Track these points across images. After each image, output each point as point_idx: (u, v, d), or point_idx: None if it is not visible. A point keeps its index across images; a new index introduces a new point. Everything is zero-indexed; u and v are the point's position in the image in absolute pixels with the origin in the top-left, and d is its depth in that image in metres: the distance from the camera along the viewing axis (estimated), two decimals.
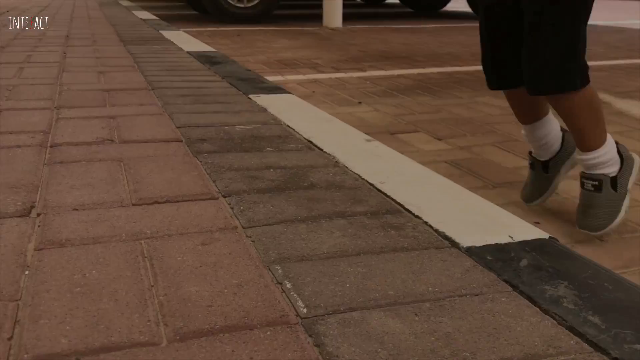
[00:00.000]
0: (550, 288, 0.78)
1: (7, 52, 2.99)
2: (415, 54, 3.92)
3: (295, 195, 1.10)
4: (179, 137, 1.49)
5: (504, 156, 1.77)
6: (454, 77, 3.07)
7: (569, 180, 1.53)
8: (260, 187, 1.14)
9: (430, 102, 2.46)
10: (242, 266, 0.81)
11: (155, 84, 2.18)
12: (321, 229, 0.94)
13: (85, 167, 1.23)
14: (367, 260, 0.84)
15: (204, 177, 1.18)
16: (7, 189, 1.10)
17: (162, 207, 1.02)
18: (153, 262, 0.83)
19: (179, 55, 2.99)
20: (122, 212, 1.00)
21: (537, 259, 0.86)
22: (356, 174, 1.23)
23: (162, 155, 1.33)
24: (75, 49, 3.16)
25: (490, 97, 2.57)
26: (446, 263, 0.84)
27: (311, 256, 0.85)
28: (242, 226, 0.95)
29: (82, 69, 2.51)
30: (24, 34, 3.84)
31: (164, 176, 1.18)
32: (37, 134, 1.48)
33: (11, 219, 0.97)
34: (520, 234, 0.94)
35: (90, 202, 1.04)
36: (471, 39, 4.94)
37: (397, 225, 0.96)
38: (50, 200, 1.05)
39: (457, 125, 2.11)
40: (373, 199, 1.09)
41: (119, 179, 1.16)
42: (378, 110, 2.32)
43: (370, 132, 1.96)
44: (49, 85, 2.12)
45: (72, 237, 0.90)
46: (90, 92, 2.01)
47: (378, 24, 6.26)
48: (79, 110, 1.74)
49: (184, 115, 1.70)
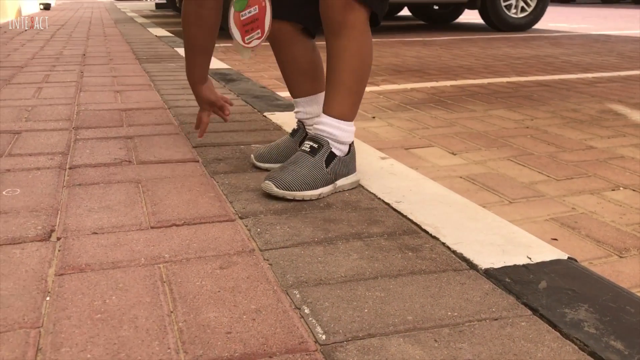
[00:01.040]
0: (570, 311, 0.77)
1: (26, 72, 3.04)
2: (427, 67, 3.92)
3: (311, 216, 1.10)
4: (195, 157, 1.50)
5: (520, 170, 1.76)
6: (467, 90, 3.07)
7: (586, 195, 1.52)
8: (277, 208, 1.14)
9: (444, 116, 2.46)
10: (260, 291, 0.82)
11: (171, 103, 2.21)
12: (338, 251, 0.95)
13: (104, 190, 1.24)
14: (385, 283, 0.84)
15: (221, 199, 1.19)
16: (27, 213, 1.11)
17: (180, 230, 1.03)
18: (172, 287, 0.83)
19: None
20: (141, 235, 1.01)
21: (556, 280, 0.85)
22: (372, 193, 1.24)
23: (179, 176, 1.34)
24: (92, 67, 3.21)
25: (504, 110, 2.56)
26: (465, 286, 0.83)
27: (328, 280, 0.85)
28: (260, 249, 0.96)
29: (99, 88, 2.55)
30: (41, 53, 3.91)
31: (181, 198, 1.19)
32: (56, 156, 1.50)
33: (32, 244, 0.98)
34: (538, 255, 0.94)
35: (109, 225, 1.05)
36: (484, 51, 4.93)
37: (414, 247, 0.96)
38: (70, 224, 1.06)
39: (471, 139, 2.11)
40: (389, 220, 1.09)
41: (137, 202, 1.17)
42: (392, 125, 2.33)
43: (385, 148, 1.96)
44: (67, 106, 2.15)
45: (91, 262, 0.91)
46: (107, 112, 2.04)
47: (390, 37, 6.28)
48: (96, 131, 1.77)
49: None
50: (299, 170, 1.18)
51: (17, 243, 0.98)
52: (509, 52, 4.85)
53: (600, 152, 1.92)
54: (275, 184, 1.16)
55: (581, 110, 2.55)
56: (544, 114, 2.47)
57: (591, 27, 7.79)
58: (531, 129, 2.23)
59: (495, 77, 3.51)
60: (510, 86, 3.18)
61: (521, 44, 5.46)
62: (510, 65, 4.02)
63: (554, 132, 2.17)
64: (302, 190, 1.17)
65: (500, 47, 5.20)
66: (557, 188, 1.59)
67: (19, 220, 1.08)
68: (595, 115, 2.44)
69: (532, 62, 4.21)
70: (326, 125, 1.22)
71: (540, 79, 3.44)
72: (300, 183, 1.17)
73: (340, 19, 1.17)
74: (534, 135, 2.14)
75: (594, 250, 1.24)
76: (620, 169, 1.74)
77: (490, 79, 3.44)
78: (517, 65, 4.02)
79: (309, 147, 1.21)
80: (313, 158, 1.20)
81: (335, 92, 1.21)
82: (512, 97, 2.85)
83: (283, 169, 1.19)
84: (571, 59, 4.36)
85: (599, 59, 4.36)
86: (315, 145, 1.21)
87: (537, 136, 2.12)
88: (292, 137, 1.41)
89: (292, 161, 1.20)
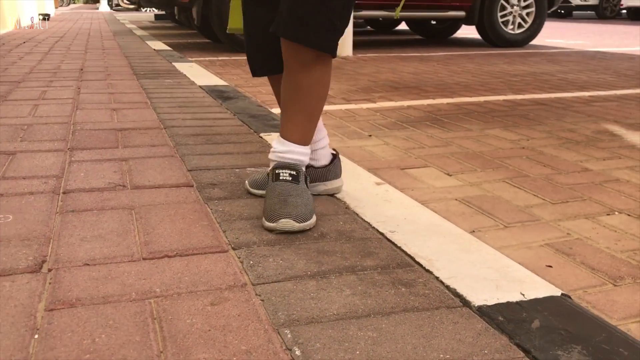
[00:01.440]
0: (563, 353, 0.77)
1: (23, 87, 3.04)
2: (424, 84, 3.94)
3: (305, 247, 1.09)
4: (190, 181, 1.50)
5: (515, 193, 1.76)
6: (463, 108, 3.07)
7: (581, 220, 1.52)
8: (270, 238, 1.14)
9: (440, 135, 2.46)
10: (251, 330, 0.81)
11: (167, 123, 2.21)
12: (331, 286, 0.94)
13: (97, 217, 1.24)
14: (377, 322, 0.83)
15: (214, 227, 1.19)
16: (19, 242, 1.11)
17: (172, 262, 1.03)
18: (162, 325, 0.82)
19: (191, 90, 3.03)
20: (133, 267, 1.00)
21: (550, 319, 0.85)
22: (366, 221, 1.23)
23: (172, 202, 1.33)
24: (89, 83, 3.21)
25: (500, 129, 2.57)
26: (457, 325, 0.83)
27: (321, 318, 0.84)
28: (252, 283, 0.95)
29: (96, 105, 2.55)
30: (39, 68, 3.91)
31: (174, 226, 1.19)
32: (50, 179, 1.50)
33: (22, 275, 0.97)
34: (532, 291, 0.93)
35: (101, 256, 1.05)
36: (480, 67, 4.95)
37: (407, 282, 0.96)
38: (62, 254, 1.05)
39: (467, 159, 2.11)
40: (383, 251, 1.08)
41: (129, 230, 1.16)
42: (388, 143, 2.33)
43: (381, 167, 1.96)
44: (63, 125, 2.15)
45: (82, 297, 0.90)
46: (103, 132, 2.04)
47: (387, 52, 6.30)
48: (91, 153, 1.76)
49: (195, 157, 1.72)
50: (300, 200, 1.20)
51: (8, 275, 0.97)
52: (506, 68, 4.87)
53: (595, 174, 1.92)
54: (295, 220, 1.16)
55: (577, 131, 2.55)
56: (540, 134, 2.48)
57: (587, 43, 7.83)
58: (527, 149, 2.23)
59: (491, 94, 3.53)
60: (507, 104, 3.19)
61: (518, 61, 5.49)
62: (507, 83, 4.03)
63: (550, 153, 2.17)
64: (312, 217, 1.20)
65: (497, 64, 5.22)
66: (552, 212, 1.59)
67: (10, 249, 1.07)
68: (591, 136, 2.45)
69: (529, 79, 4.23)
70: (294, 153, 1.28)
71: (536, 97, 3.45)
72: (310, 211, 1.19)
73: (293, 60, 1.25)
74: (530, 156, 2.14)
75: (588, 278, 1.24)
76: (615, 193, 1.74)
77: (487, 96, 3.45)
78: (513, 83, 4.03)
79: (288, 175, 1.25)
80: (299, 185, 1.24)
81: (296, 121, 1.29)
82: (508, 116, 2.86)
83: (289, 204, 1.18)
84: (567, 77, 4.38)
85: (595, 76, 4.38)
86: (294, 173, 1.25)
87: (533, 157, 2.12)
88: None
89: (287, 194, 1.20)
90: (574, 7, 15.81)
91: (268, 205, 1.20)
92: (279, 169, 1.25)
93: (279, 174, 1.25)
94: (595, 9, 15.52)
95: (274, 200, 1.20)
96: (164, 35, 8.32)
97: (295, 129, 1.28)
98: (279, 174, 1.24)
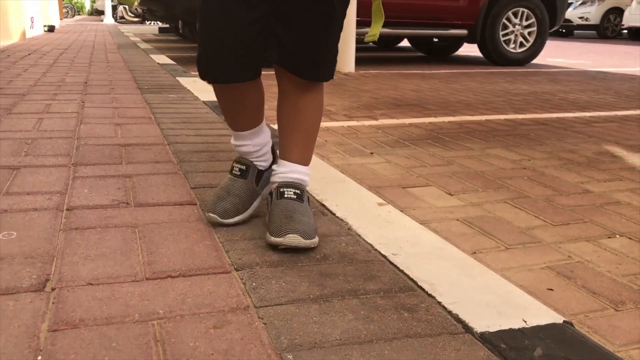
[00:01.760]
0: None
1: (27, 100, 3.06)
2: (426, 102, 3.96)
3: (307, 270, 1.10)
4: (193, 199, 1.50)
5: (516, 214, 1.77)
6: (465, 127, 3.09)
7: (582, 242, 1.52)
8: (273, 259, 1.14)
9: (442, 154, 2.47)
10: (254, 354, 0.81)
11: (171, 139, 2.22)
12: (333, 310, 0.94)
13: (100, 235, 1.24)
14: (380, 348, 0.83)
15: (217, 247, 1.19)
16: (23, 259, 1.11)
17: (175, 283, 1.03)
18: (165, 348, 0.83)
19: (194, 106, 3.04)
20: (136, 288, 1.00)
21: (552, 347, 0.85)
22: (369, 243, 1.24)
23: (176, 220, 1.34)
24: (94, 97, 3.23)
25: (501, 149, 2.58)
26: (460, 353, 0.83)
27: (323, 343, 0.84)
28: (255, 305, 0.96)
29: (100, 120, 2.56)
30: (43, 80, 3.94)
31: (178, 246, 1.19)
32: (54, 195, 1.50)
33: (26, 294, 0.98)
34: (534, 318, 0.93)
35: (104, 275, 1.05)
36: (482, 85, 4.98)
37: (410, 307, 0.96)
38: (65, 272, 1.06)
39: (468, 179, 2.11)
40: (386, 275, 1.08)
41: (133, 249, 1.17)
42: (390, 161, 2.34)
43: (383, 186, 1.97)
44: (67, 139, 2.16)
45: (85, 317, 0.90)
46: (107, 147, 2.05)
47: (389, 68, 6.34)
48: (95, 168, 1.77)
49: (198, 175, 1.73)
50: (306, 218, 1.21)
51: (12, 293, 0.98)
52: (507, 87, 4.90)
53: (596, 196, 1.92)
54: (302, 237, 1.16)
55: (578, 152, 2.56)
56: (541, 154, 2.49)
57: (588, 62, 7.88)
58: (528, 170, 2.24)
59: (493, 113, 3.54)
60: (508, 124, 3.20)
61: (519, 79, 5.52)
62: (508, 102, 4.06)
63: (551, 174, 2.18)
64: (316, 236, 1.21)
65: (498, 82, 5.25)
66: (553, 234, 1.59)
67: (14, 267, 1.08)
68: (592, 157, 2.46)
69: (530, 98, 4.25)
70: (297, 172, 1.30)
71: (537, 116, 3.47)
72: (314, 230, 1.20)
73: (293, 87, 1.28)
74: (531, 177, 2.15)
75: (589, 303, 1.24)
76: (616, 215, 1.74)
77: (488, 115, 3.47)
78: (515, 102, 4.06)
79: (293, 193, 1.26)
80: (303, 204, 1.25)
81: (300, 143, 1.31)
82: (510, 136, 2.87)
83: (296, 220, 1.18)
84: (568, 97, 4.40)
85: (596, 97, 4.41)
86: (298, 192, 1.27)
87: (534, 178, 2.13)
88: (244, 178, 1.35)
89: (292, 210, 1.21)
90: (575, 26, 15.92)
91: (274, 221, 1.20)
92: (283, 187, 1.27)
93: (283, 192, 1.25)
94: (596, 28, 15.63)
95: (279, 216, 1.20)
96: (168, 48, 8.38)
97: (296, 150, 1.30)
98: (284, 192, 1.25)
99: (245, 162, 1.37)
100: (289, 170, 1.29)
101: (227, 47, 1.21)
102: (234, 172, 1.37)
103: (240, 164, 1.37)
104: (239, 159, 1.39)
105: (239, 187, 1.34)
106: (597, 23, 15.51)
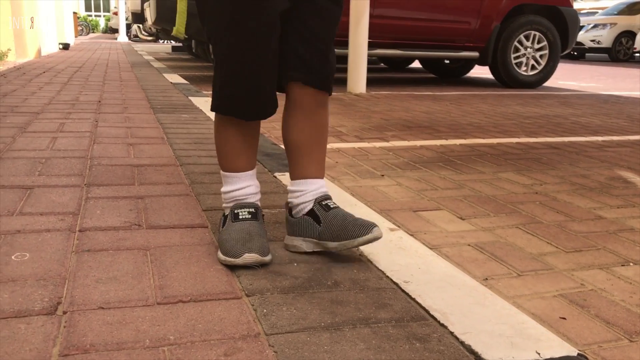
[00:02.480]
0: None
1: (41, 119, 3.10)
2: (437, 124, 3.96)
3: (318, 296, 1.09)
4: (204, 222, 1.51)
5: (528, 240, 1.75)
6: (476, 150, 3.08)
7: (595, 270, 1.50)
8: (284, 285, 1.14)
9: (453, 177, 2.47)
10: None
11: (183, 160, 2.23)
12: (345, 339, 0.94)
13: (112, 257, 1.25)
14: None
15: (228, 272, 1.19)
16: (34, 281, 1.12)
17: (186, 308, 1.03)
18: None
19: (207, 126, 3.07)
20: (147, 312, 1.00)
21: None
22: (380, 270, 1.23)
23: (187, 244, 1.34)
24: (107, 116, 3.26)
25: (513, 173, 2.57)
26: None
27: None
28: (265, 333, 0.95)
29: (113, 140, 2.58)
30: (58, 99, 3.99)
31: (189, 270, 1.19)
32: (67, 216, 1.51)
33: (37, 318, 0.98)
34: (547, 350, 0.92)
35: (115, 299, 1.05)
36: (493, 108, 4.98)
37: (422, 337, 0.95)
38: (77, 296, 1.06)
39: (480, 203, 2.10)
40: (398, 303, 1.08)
41: (144, 272, 1.17)
42: (400, 184, 2.33)
43: (393, 209, 1.96)
44: (80, 159, 2.18)
45: (96, 342, 0.90)
46: (120, 168, 2.07)
47: (400, 90, 6.37)
48: (107, 189, 1.78)
49: (210, 197, 1.73)
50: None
51: (23, 316, 0.98)
52: (519, 110, 4.90)
53: (609, 222, 1.91)
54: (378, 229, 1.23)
55: (590, 177, 2.55)
56: (553, 179, 2.48)
57: (600, 86, 7.87)
58: (540, 194, 2.23)
59: (504, 137, 3.54)
60: (520, 147, 3.20)
61: (531, 102, 5.52)
62: (520, 125, 4.05)
63: (563, 199, 2.16)
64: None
65: (509, 105, 5.25)
66: (566, 261, 1.58)
67: (26, 289, 1.08)
68: (604, 182, 2.44)
69: (542, 122, 4.25)
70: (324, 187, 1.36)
71: (549, 140, 3.46)
72: None
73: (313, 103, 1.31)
74: (543, 202, 2.13)
75: (603, 333, 1.22)
76: (630, 243, 1.72)
77: (500, 138, 3.46)
78: (526, 125, 4.05)
79: (333, 203, 1.32)
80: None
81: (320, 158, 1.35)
82: (522, 160, 2.86)
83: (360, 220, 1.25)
84: (580, 120, 4.39)
85: (608, 121, 4.39)
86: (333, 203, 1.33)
87: (546, 203, 2.11)
88: (257, 220, 1.28)
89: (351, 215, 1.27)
90: (586, 49, 15.93)
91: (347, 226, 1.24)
92: (325, 200, 1.31)
93: (328, 205, 1.30)
94: (608, 51, 15.64)
95: (347, 220, 1.25)
96: (181, 67, 8.48)
97: (317, 166, 1.34)
98: (329, 204, 1.30)
99: (250, 205, 1.29)
100: (320, 185, 1.34)
101: (267, 85, 1.22)
102: (243, 216, 1.26)
103: (244, 207, 1.28)
104: (240, 205, 1.28)
105: (256, 228, 1.25)
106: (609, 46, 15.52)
